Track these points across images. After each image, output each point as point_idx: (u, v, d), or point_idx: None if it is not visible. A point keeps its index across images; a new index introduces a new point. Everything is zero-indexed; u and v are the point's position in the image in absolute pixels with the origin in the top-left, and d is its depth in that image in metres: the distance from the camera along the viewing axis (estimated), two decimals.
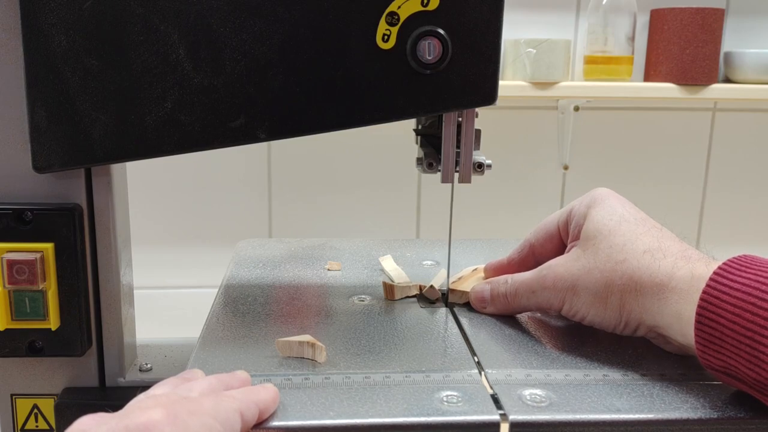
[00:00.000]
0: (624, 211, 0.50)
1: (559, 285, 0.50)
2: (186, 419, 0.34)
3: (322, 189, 1.29)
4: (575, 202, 0.54)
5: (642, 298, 0.46)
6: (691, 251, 0.46)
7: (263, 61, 0.46)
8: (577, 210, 0.53)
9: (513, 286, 0.54)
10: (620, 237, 0.48)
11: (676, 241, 0.47)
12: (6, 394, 0.55)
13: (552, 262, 0.52)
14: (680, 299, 0.43)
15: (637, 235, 0.48)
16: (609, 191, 0.53)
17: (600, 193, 0.52)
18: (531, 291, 0.52)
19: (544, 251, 0.56)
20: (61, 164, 0.48)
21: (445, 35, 0.46)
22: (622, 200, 0.52)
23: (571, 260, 0.50)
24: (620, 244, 0.48)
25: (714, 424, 0.40)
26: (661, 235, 0.48)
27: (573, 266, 0.49)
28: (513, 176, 1.31)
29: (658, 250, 0.46)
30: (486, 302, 0.55)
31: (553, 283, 0.50)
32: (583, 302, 0.49)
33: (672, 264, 0.45)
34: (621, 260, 0.47)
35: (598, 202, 0.51)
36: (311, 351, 0.46)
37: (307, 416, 0.39)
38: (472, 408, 0.40)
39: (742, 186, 1.36)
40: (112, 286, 0.55)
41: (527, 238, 0.58)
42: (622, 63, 1.18)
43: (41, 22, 0.46)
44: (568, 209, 0.54)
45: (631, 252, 0.47)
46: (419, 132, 0.62)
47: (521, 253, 0.58)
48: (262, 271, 0.66)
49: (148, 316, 0.76)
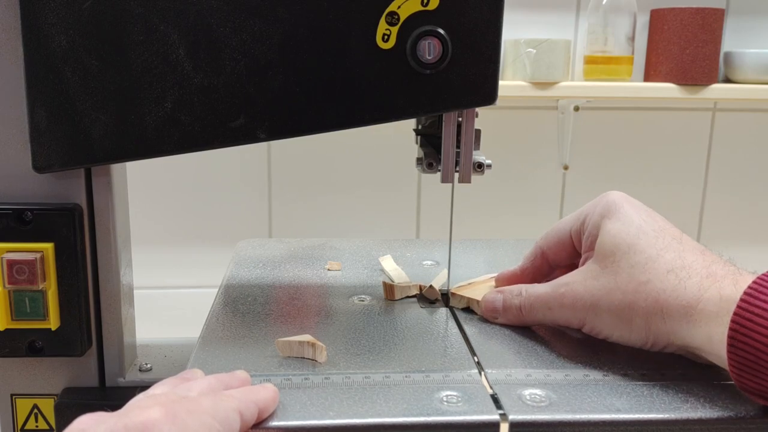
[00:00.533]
0: (641, 221, 0.48)
1: (579, 305, 0.48)
2: (185, 418, 0.34)
3: (322, 189, 1.29)
4: (587, 209, 0.51)
5: (669, 321, 0.44)
6: (715, 266, 0.44)
7: (263, 61, 0.46)
8: (591, 219, 0.50)
9: (528, 300, 0.52)
10: (641, 254, 0.46)
11: (698, 254, 0.45)
12: (6, 394, 0.55)
13: (570, 278, 0.50)
14: (710, 321, 0.42)
15: (658, 251, 0.45)
16: (622, 196, 0.50)
17: (614, 200, 0.50)
18: (548, 308, 0.50)
19: (558, 259, 0.54)
20: (61, 164, 0.48)
21: (445, 35, 0.46)
22: (637, 206, 0.49)
23: (590, 278, 0.48)
24: (642, 262, 0.45)
25: (714, 424, 0.40)
26: (683, 248, 0.46)
27: (593, 285, 0.47)
28: (513, 176, 1.31)
29: (682, 269, 0.44)
30: (498, 312, 0.53)
31: (572, 302, 0.48)
32: (606, 323, 0.47)
33: (698, 285, 0.43)
34: (644, 281, 0.45)
35: (613, 211, 0.49)
36: (312, 351, 0.46)
37: (306, 416, 0.39)
38: (471, 408, 0.40)
39: (742, 186, 1.36)
40: (112, 286, 0.55)
41: (538, 245, 0.55)
42: (622, 63, 1.18)
43: (41, 22, 0.46)
44: (580, 217, 0.52)
45: (654, 272, 0.45)
46: (419, 132, 0.62)
47: (534, 262, 0.56)
48: (262, 271, 0.66)
49: (148, 316, 0.76)
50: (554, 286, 0.50)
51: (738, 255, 0.47)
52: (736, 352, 0.40)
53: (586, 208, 0.52)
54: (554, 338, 0.51)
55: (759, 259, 1.38)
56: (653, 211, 0.50)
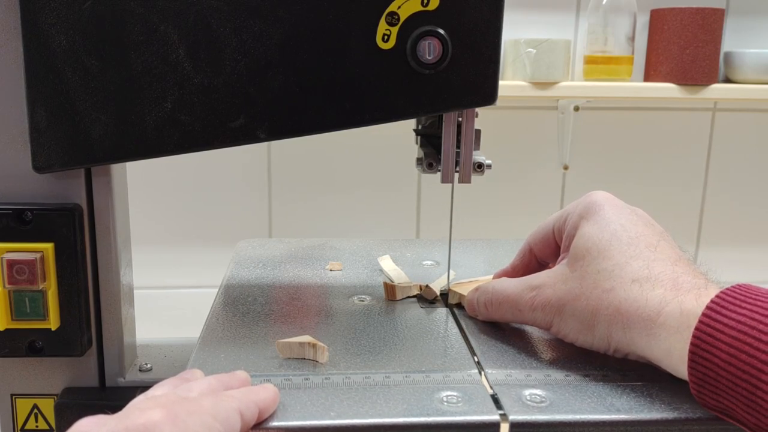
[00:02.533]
0: (617, 226, 0.47)
1: (547, 308, 0.48)
2: (185, 419, 0.34)
3: (322, 189, 1.29)
4: (571, 207, 0.51)
5: (629, 331, 0.43)
6: (684, 277, 0.43)
7: (263, 61, 0.46)
8: (571, 219, 0.50)
9: (496, 298, 0.52)
10: (609, 261, 0.45)
11: (668, 264, 0.44)
12: (6, 394, 0.55)
13: (541, 280, 0.49)
14: (669, 336, 0.41)
15: (627, 259, 0.45)
16: (606, 196, 0.49)
17: (595, 200, 0.49)
18: (517, 309, 0.50)
19: (544, 256, 0.55)
20: (61, 164, 0.48)
21: (445, 35, 0.46)
22: (619, 208, 0.48)
23: (560, 281, 0.47)
24: (608, 269, 0.45)
25: (714, 424, 0.40)
26: (654, 257, 0.45)
27: (561, 289, 0.47)
28: (513, 176, 1.31)
29: (646, 280, 0.43)
30: (476, 309, 0.54)
31: (541, 305, 0.48)
32: (571, 328, 0.47)
33: (661, 297, 0.42)
34: (608, 289, 0.44)
35: (592, 212, 0.48)
36: (312, 352, 0.46)
37: (307, 416, 0.39)
38: (471, 408, 0.40)
39: (742, 186, 1.36)
40: (112, 286, 0.55)
41: (527, 241, 0.56)
42: (622, 63, 1.18)
43: (41, 22, 0.46)
44: (564, 214, 0.51)
45: (619, 280, 0.44)
46: (419, 132, 0.62)
47: (523, 259, 0.56)
48: (262, 271, 0.65)
49: (148, 316, 0.76)
50: (524, 288, 0.50)
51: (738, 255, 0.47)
52: (697, 368, 0.39)
53: (569, 206, 0.51)
54: (554, 339, 0.51)
55: (759, 259, 1.38)
56: (638, 214, 0.49)
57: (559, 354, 0.48)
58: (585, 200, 0.50)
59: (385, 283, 0.60)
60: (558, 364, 0.46)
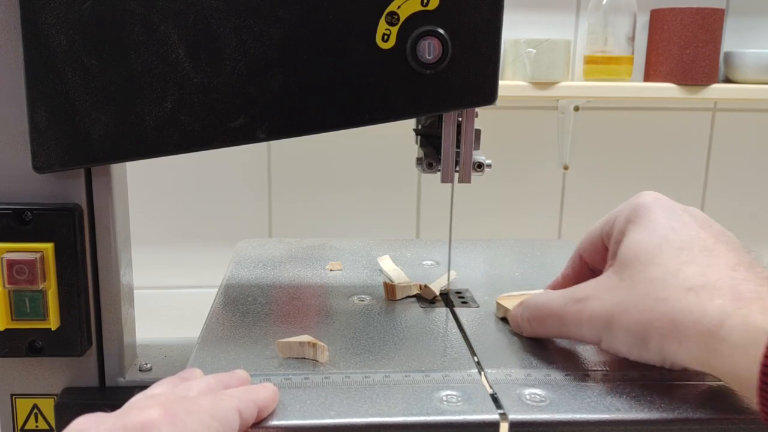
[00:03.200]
0: (668, 230, 0.43)
1: (594, 321, 0.44)
2: (184, 418, 0.34)
3: (322, 189, 1.29)
4: (619, 210, 0.47)
5: (686, 345, 0.39)
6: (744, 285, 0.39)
7: (263, 61, 0.46)
8: (618, 224, 0.46)
9: (540, 314, 0.48)
10: (660, 268, 0.41)
11: (727, 270, 0.40)
12: (6, 394, 0.55)
13: (586, 291, 0.45)
14: (734, 353, 0.37)
15: (679, 265, 0.41)
16: (655, 196, 0.46)
17: (644, 202, 0.45)
18: (562, 324, 0.46)
19: (594, 262, 0.51)
20: (61, 164, 0.48)
21: (445, 35, 0.46)
22: (670, 209, 0.45)
23: (607, 291, 0.44)
24: (660, 277, 0.41)
25: (714, 424, 0.40)
26: (710, 261, 0.41)
27: (608, 300, 0.43)
28: (513, 176, 1.31)
29: (703, 288, 0.39)
30: (521, 326, 0.50)
31: (588, 319, 0.44)
32: (622, 342, 0.43)
33: (720, 308, 0.38)
34: (661, 299, 0.40)
35: (641, 215, 0.45)
36: (312, 351, 0.46)
37: (307, 415, 0.39)
38: (471, 407, 0.40)
39: (742, 186, 1.36)
40: (112, 286, 0.55)
41: (577, 250, 0.52)
42: (622, 63, 1.18)
43: (41, 22, 0.46)
44: (612, 218, 0.48)
45: (673, 289, 0.40)
46: (419, 132, 0.62)
47: (574, 268, 0.52)
48: (262, 271, 0.66)
49: (148, 316, 0.76)
50: (569, 301, 0.46)
51: None
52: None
53: (617, 209, 0.48)
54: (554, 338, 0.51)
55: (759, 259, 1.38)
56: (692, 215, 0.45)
57: (559, 354, 0.48)
58: (633, 202, 0.46)
59: (385, 283, 0.60)
60: (558, 364, 0.46)
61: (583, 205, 1.33)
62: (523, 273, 0.67)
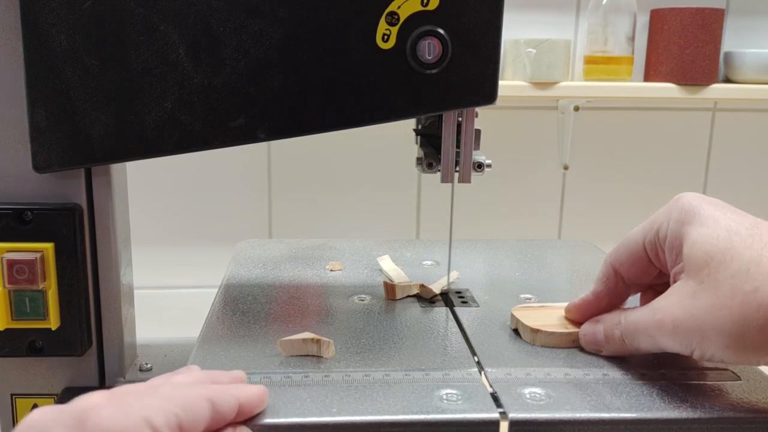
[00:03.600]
0: (728, 220, 0.42)
1: (681, 331, 0.41)
2: (130, 401, 0.34)
3: (322, 189, 1.29)
4: (660, 217, 0.45)
5: None
6: None
7: (263, 61, 0.46)
8: (669, 229, 0.44)
9: (628, 329, 0.45)
10: (739, 260, 0.40)
11: None
12: (6, 394, 0.55)
13: (664, 300, 0.43)
14: None
15: (757, 252, 0.39)
16: (698, 196, 0.44)
17: (689, 201, 0.44)
18: (648, 336, 0.44)
19: (633, 276, 0.48)
20: (61, 164, 0.48)
21: (445, 35, 0.46)
22: (718, 204, 0.43)
23: (687, 297, 0.41)
24: (743, 269, 0.39)
25: (714, 423, 0.40)
26: None
27: (692, 306, 0.41)
28: (513, 176, 1.31)
29: None
30: (600, 345, 0.47)
31: (673, 328, 0.42)
32: (717, 345, 0.40)
33: None
34: (752, 290, 0.38)
35: (693, 214, 0.43)
36: (317, 347, 0.46)
37: (307, 413, 0.39)
38: (471, 406, 0.40)
39: (742, 186, 1.36)
40: (112, 286, 0.55)
41: (608, 263, 0.49)
42: (622, 63, 1.18)
43: (41, 21, 0.46)
44: (653, 226, 0.45)
45: (761, 277, 0.39)
46: (419, 132, 0.63)
47: (607, 283, 0.49)
48: (262, 271, 0.66)
49: (148, 316, 0.76)
50: (651, 311, 0.44)
51: None
52: None
53: (657, 215, 0.46)
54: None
55: None
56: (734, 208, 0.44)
57: (558, 353, 0.48)
58: (676, 205, 0.44)
59: (385, 283, 0.60)
60: (558, 363, 0.46)
61: (583, 205, 1.33)
62: (523, 273, 0.67)
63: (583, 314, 0.50)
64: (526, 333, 0.50)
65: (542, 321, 0.50)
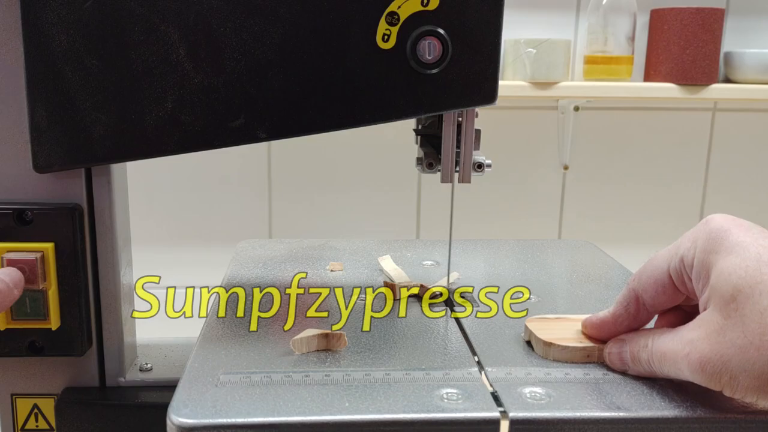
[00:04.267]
0: (759, 248, 0.39)
1: (709, 369, 0.39)
2: None
3: (322, 189, 1.29)
4: (686, 242, 0.43)
5: None
6: None
7: (263, 61, 0.46)
8: (696, 257, 0.42)
9: (655, 355, 0.43)
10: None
11: None
12: (6, 394, 0.55)
13: (693, 332, 0.40)
14: None
15: None
16: (727, 219, 0.42)
17: (717, 226, 0.41)
18: (677, 368, 0.41)
19: (656, 303, 0.45)
20: (62, 164, 0.48)
21: (445, 35, 0.46)
22: (748, 228, 0.41)
23: (714, 332, 0.39)
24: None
25: (714, 423, 0.40)
26: None
27: (718, 342, 0.38)
28: (513, 176, 1.31)
29: None
30: (626, 365, 0.45)
31: (700, 365, 0.39)
32: (746, 387, 0.38)
33: None
34: None
35: (720, 241, 0.41)
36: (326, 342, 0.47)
37: (307, 412, 0.39)
38: (472, 405, 0.40)
39: (742, 186, 1.36)
40: (112, 286, 0.55)
41: (631, 288, 0.46)
42: (622, 63, 1.18)
43: (41, 21, 0.46)
44: (678, 252, 0.43)
45: None
46: (419, 132, 0.63)
47: (629, 308, 0.46)
48: (262, 271, 0.66)
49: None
50: (680, 342, 0.41)
51: None
52: None
53: (683, 240, 0.43)
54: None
55: None
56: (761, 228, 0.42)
57: None
58: (704, 230, 0.42)
59: (385, 282, 0.60)
60: (558, 363, 0.46)
61: (583, 205, 1.33)
62: (523, 273, 0.67)
63: (599, 334, 0.48)
64: (539, 346, 0.48)
65: (557, 334, 0.48)
